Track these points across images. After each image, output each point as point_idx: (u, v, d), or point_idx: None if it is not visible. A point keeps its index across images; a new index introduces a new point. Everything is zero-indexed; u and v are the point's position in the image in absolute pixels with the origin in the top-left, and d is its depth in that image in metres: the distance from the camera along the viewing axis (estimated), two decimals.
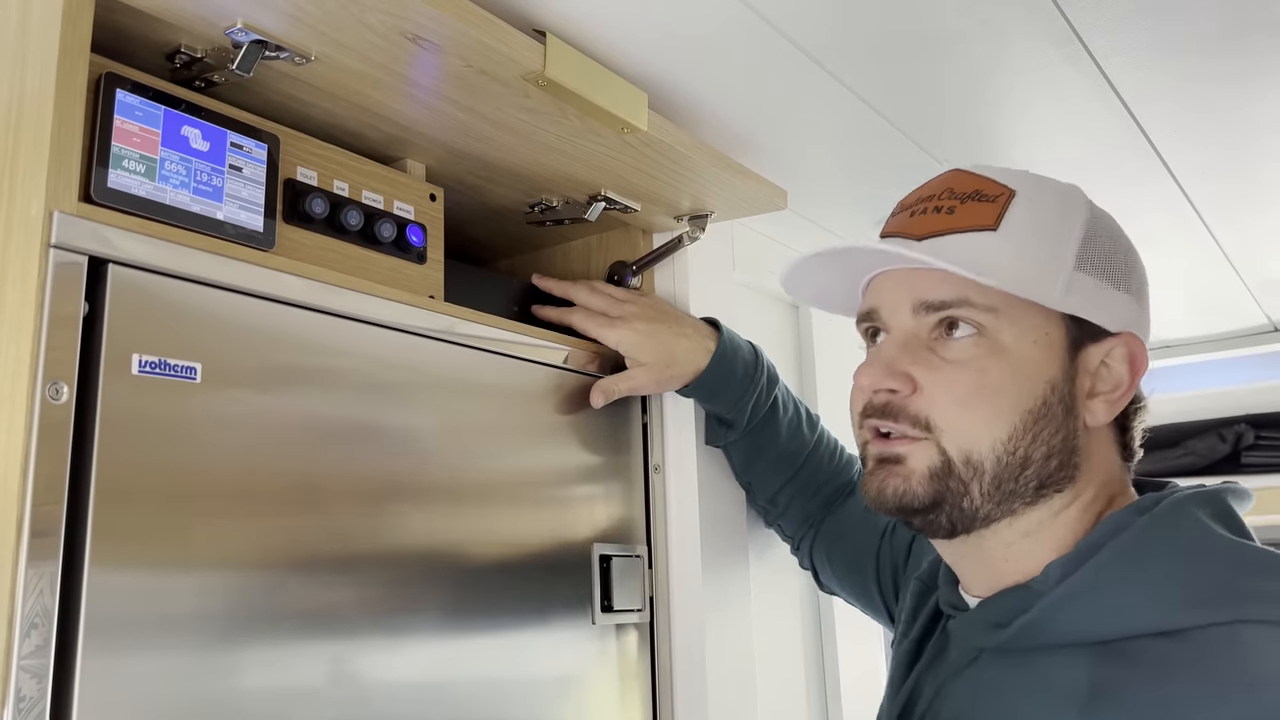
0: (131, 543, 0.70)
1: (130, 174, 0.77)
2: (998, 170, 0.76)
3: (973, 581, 0.76)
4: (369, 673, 0.85)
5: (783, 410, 1.19)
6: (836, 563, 1.17)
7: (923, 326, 0.73)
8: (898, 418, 0.72)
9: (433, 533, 0.93)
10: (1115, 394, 0.72)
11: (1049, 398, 0.70)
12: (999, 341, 0.71)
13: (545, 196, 1.17)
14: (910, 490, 0.72)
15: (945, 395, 0.71)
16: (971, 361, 0.71)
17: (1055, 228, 0.72)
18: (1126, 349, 0.73)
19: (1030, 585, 0.70)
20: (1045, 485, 0.71)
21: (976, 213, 0.72)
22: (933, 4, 0.92)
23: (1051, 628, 0.67)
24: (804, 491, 1.21)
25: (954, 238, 0.72)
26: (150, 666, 0.70)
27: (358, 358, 0.89)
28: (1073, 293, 0.71)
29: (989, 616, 0.72)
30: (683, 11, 0.90)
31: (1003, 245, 0.71)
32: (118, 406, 0.70)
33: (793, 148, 1.21)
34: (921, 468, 0.71)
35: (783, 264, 0.82)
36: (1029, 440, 0.70)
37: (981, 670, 0.72)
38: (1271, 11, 0.96)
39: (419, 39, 0.80)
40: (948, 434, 0.71)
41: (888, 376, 0.73)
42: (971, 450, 0.70)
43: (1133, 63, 1.05)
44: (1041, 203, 0.73)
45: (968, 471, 0.70)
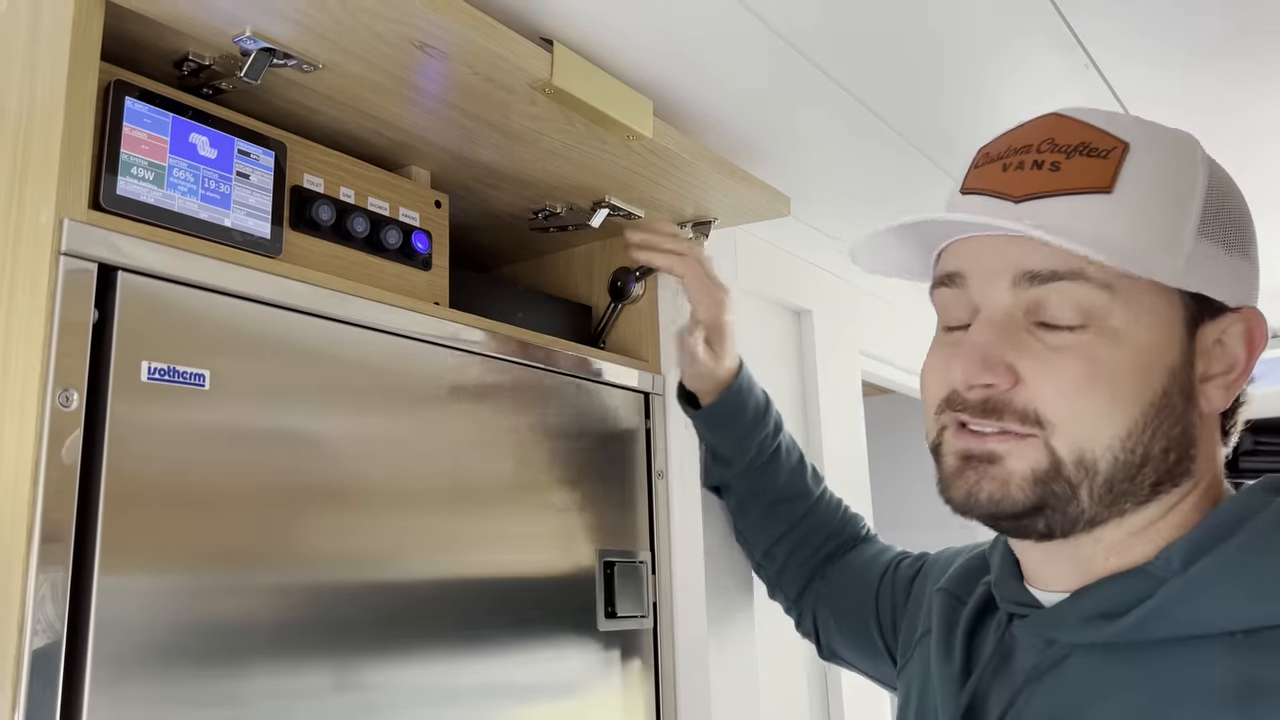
0: (140, 549, 0.70)
1: (139, 181, 0.77)
2: (1103, 115, 0.65)
3: (1049, 575, 0.67)
4: (373, 678, 0.85)
5: (785, 456, 1.15)
6: (839, 615, 1.08)
7: (1020, 303, 0.63)
8: (1002, 415, 0.62)
9: (438, 539, 0.93)
10: (1231, 375, 0.63)
11: (1169, 387, 0.62)
12: (1111, 326, 0.61)
13: (549, 203, 1.18)
14: (1009, 496, 0.62)
15: (1053, 387, 0.61)
16: (1082, 348, 0.61)
17: (1176, 189, 0.62)
18: (1245, 325, 0.63)
19: (1147, 570, 0.61)
20: (1161, 482, 0.62)
21: (1086, 170, 0.62)
22: (937, 12, 0.93)
23: (1178, 617, 0.58)
24: (804, 546, 1.14)
25: (1061, 200, 0.62)
26: (159, 672, 0.70)
27: (364, 364, 0.89)
28: (1195, 266, 0.61)
29: (1091, 608, 0.63)
30: (688, 19, 0.91)
31: (1119, 211, 0.61)
32: (127, 413, 0.70)
33: (797, 154, 1.21)
34: (1024, 469, 0.62)
35: (857, 238, 0.71)
36: (1149, 435, 0.61)
37: (1078, 669, 0.63)
38: (1273, 18, 0.97)
39: (427, 47, 0.80)
40: (1060, 430, 0.61)
41: (985, 369, 0.62)
42: (1085, 449, 0.61)
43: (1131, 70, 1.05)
44: (1160, 158, 0.63)
45: (1078, 474, 0.61)
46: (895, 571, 1.03)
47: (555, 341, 1.10)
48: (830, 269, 1.65)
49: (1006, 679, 0.68)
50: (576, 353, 1.11)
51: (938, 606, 0.81)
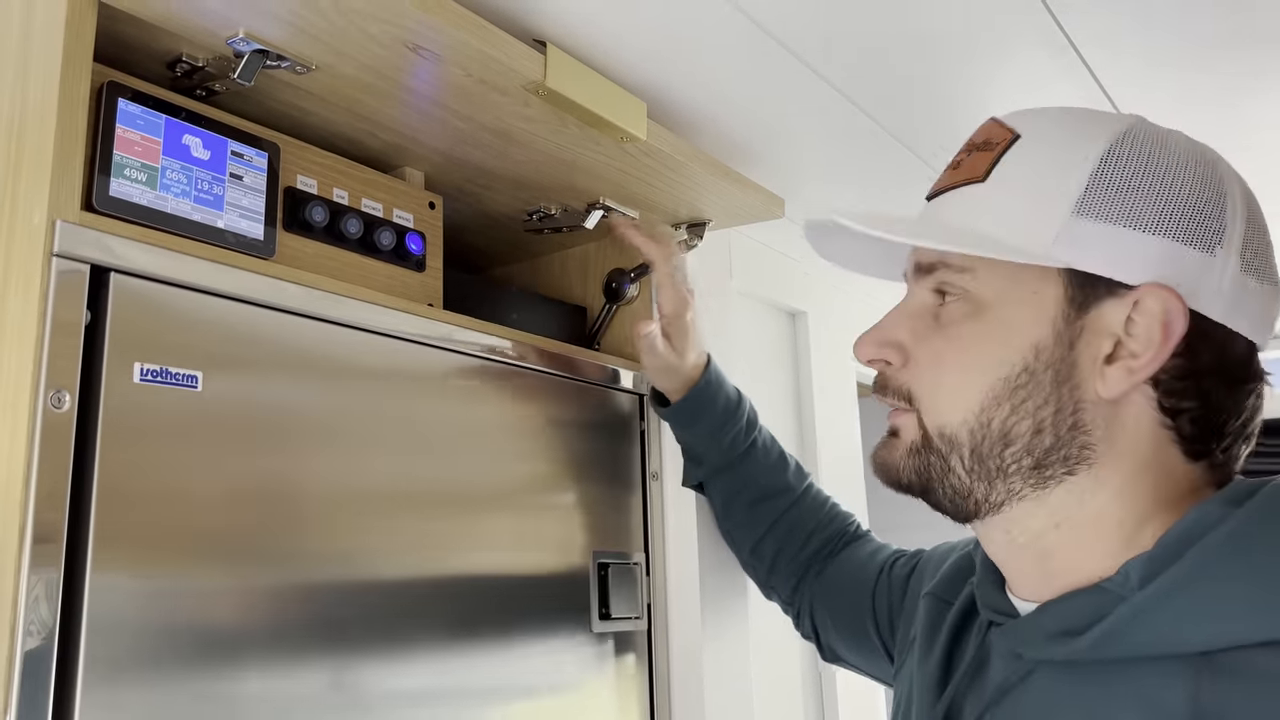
0: (133, 550, 0.70)
1: (132, 183, 0.77)
2: (1031, 113, 0.68)
3: (1021, 581, 0.67)
4: (368, 679, 0.85)
5: (762, 453, 1.15)
6: (836, 616, 1.08)
7: (926, 291, 0.68)
8: (885, 391, 0.69)
9: (432, 540, 0.93)
10: (1140, 358, 0.60)
11: (1032, 364, 0.62)
12: (979, 302, 0.64)
13: (543, 204, 1.18)
14: (893, 463, 0.68)
15: (924, 365, 0.66)
16: (948, 326, 0.66)
17: (1051, 170, 0.63)
18: (1159, 304, 0.60)
19: (1104, 587, 0.60)
20: (1044, 465, 0.62)
21: (974, 164, 0.66)
22: (929, 14, 0.93)
23: (1136, 637, 0.57)
24: (790, 542, 1.14)
25: (950, 194, 0.67)
26: (151, 674, 0.70)
27: (357, 366, 0.89)
28: (1066, 243, 0.61)
29: (1053, 624, 0.62)
30: (681, 21, 0.91)
31: (988, 198, 0.65)
32: (119, 415, 0.70)
33: (790, 156, 1.21)
34: (906, 441, 0.67)
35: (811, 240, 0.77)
36: (1005, 411, 0.62)
37: (1041, 686, 0.62)
38: (1264, 21, 0.97)
39: (420, 49, 0.80)
40: (924, 404, 0.66)
41: (877, 346, 0.69)
42: (944, 423, 0.64)
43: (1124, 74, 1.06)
44: (1045, 143, 0.64)
45: (945, 446, 0.64)
46: (891, 571, 1.02)
47: (550, 343, 1.10)
48: (825, 270, 1.65)
49: (979, 691, 0.68)
50: (571, 354, 1.12)
51: (924, 611, 0.82)
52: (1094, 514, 0.62)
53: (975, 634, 0.73)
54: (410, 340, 0.94)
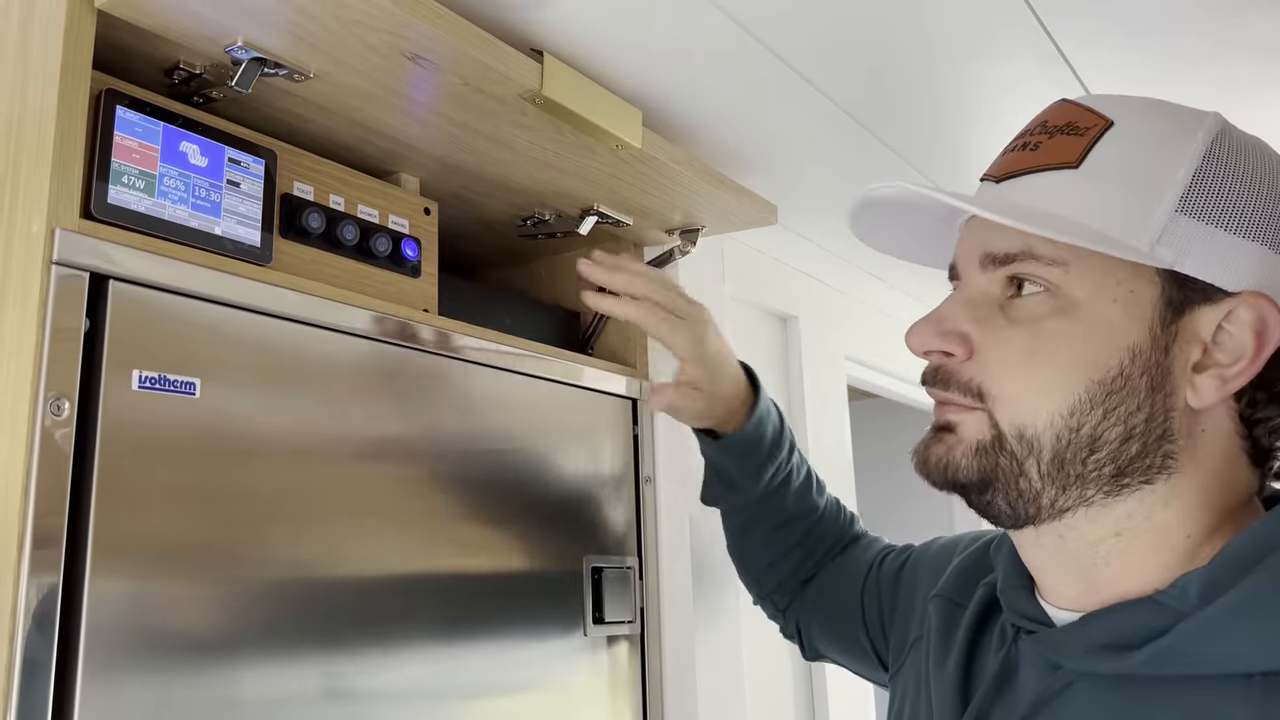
0: (132, 555, 0.70)
1: (130, 190, 0.77)
2: (1112, 99, 0.64)
3: (1059, 589, 0.64)
4: (363, 684, 0.85)
5: (795, 477, 1.06)
6: (823, 620, 1.04)
7: (994, 283, 0.63)
8: (948, 385, 0.63)
9: (426, 545, 0.93)
10: (1233, 368, 0.58)
11: (1128, 368, 0.58)
12: (1070, 298, 0.60)
13: (538, 210, 1.18)
14: (953, 461, 0.62)
15: (998, 359, 0.61)
16: (1032, 321, 0.60)
17: (1152, 162, 0.59)
18: (1254, 313, 0.58)
19: (1160, 601, 0.58)
20: (1125, 474, 0.59)
21: (1061, 148, 0.61)
22: (922, 25, 0.94)
23: (1196, 655, 0.55)
24: (805, 562, 1.07)
25: (1031, 178, 0.62)
26: (149, 677, 0.70)
27: (354, 372, 0.89)
28: (1168, 242, 0.58)
29: (1101, 636, 0.59)
30: (677, 31, 0.92)
31: (1083, 186, 0.60)
32: (118, 421, 0.70)
33: (783, 163, 1.22)
34: (970, 439, 0.62)
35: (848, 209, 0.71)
36: (1098, 416, 0.58)
37: (1084, 700, 0.60)
38: (1248, 33, 0.98)
39: (418, 58, 0.81)
40: (1000, 403, 0.60)
41: (937, 337, 0.63)
42: (1026, 423, 0.60)
43: (1116, 83, 1.07)
44: (1143, 134, 0.61)
45: (1022, 448, 0.60)
46: (880, 569, 0.98)
47: (543, 348, 1.10)
48: (816, 275, 1.66)
49: (1009, 701, 0.65)
50: (564, 359, 1.12)
51: (935, 614, 0.78)
52: (1160, 524, 0.60)
53: (997, 640, 0.69)
54: (406, 346, 0.94)
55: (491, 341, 1.04)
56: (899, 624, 0.90)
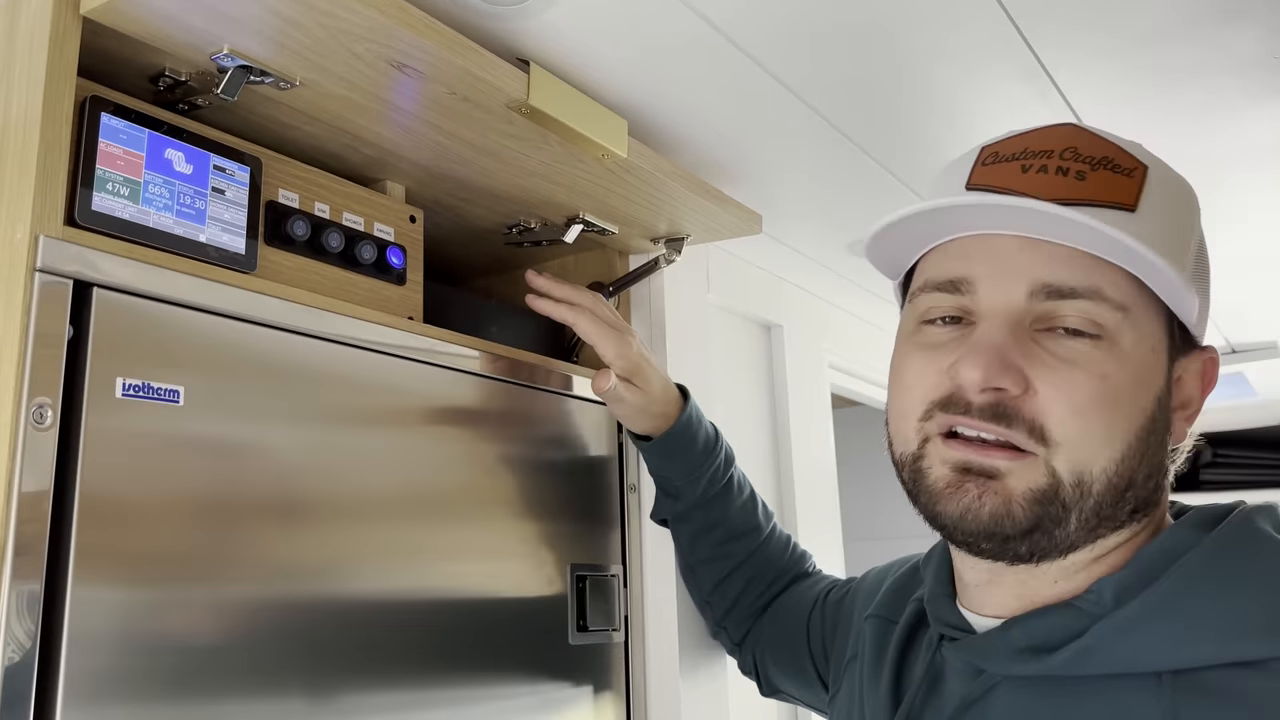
0: (114, 564, 0.70)
1: (114, 197, 0.77)
2: (1119, 138, 0.64)
3: (987, 599, 0.66)
4: (350, 693, 0.85)
5: (737, 491, 1.13)
6: (775, 650, 1.08)
7: (1030, 313, 0.60)
8: (1011, 423, 0.59)
9: (410, 553, 0.93)
10: (1188, 411, 0.64)
11: (1155, 413, 0.61)
12: (1119, 345, 0.59)
13: (523, 218, 1.18)
14: (1010, 515, 0.59)
15: (1065, 401, 0.58)
16: (1091, 365, 0.59)
17: (1183, 222, 0.62)
18: (1205, 365, 0.65)
19: (1078, 605, 0.60)
20: (1138, 510, 0.62)
21: (1112, 186, 0.60)
22: (907, 38, 0.95)
23: (1111, 655, 0.57)
24: (756, 583, 1.12)
25: (1090, 211, 0.59)
26: (133, 688, 0.70)
27: (338, 380, 0.89)
28: (1190, 296, 0.61)
29: (1023, 640, 0.61)
30: (663, 42, 0.92)
31: (1141, 230, 0.59)
32: (101, 429, 0.70)
33: (769, 173, 1.23)
34: (1023, 488, 0.59)
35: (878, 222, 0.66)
36: (1138, 460, 0.60)
37: (1007, 702, 0.61)
38: (1229, 52, 1.00)
39: (405, 67, 0.81)
40: (1063, 449, 0.59)
41: (1003, 371, 0.58)
42: (1084, 470, 0.59)
43: (1096, 97, 1.08)
44: (1172, 191, 0.63)
45: (1074, 496, 0.59)
46: (825, 600, 1.03)
47: (528, 356, 1.10)
48: (800, 284, 1.67)
49: (936, 706, 0.67)
50: (550, 367, 1.12)
51: (869, 633, 0.80)
52: (1132, 547, 0.63)
53: (925, 649, 0.72)
54: (390, 354, 0.94)
55: (477, 350, 1.04)
56: (838, 649, 0.93)
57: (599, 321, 1.06)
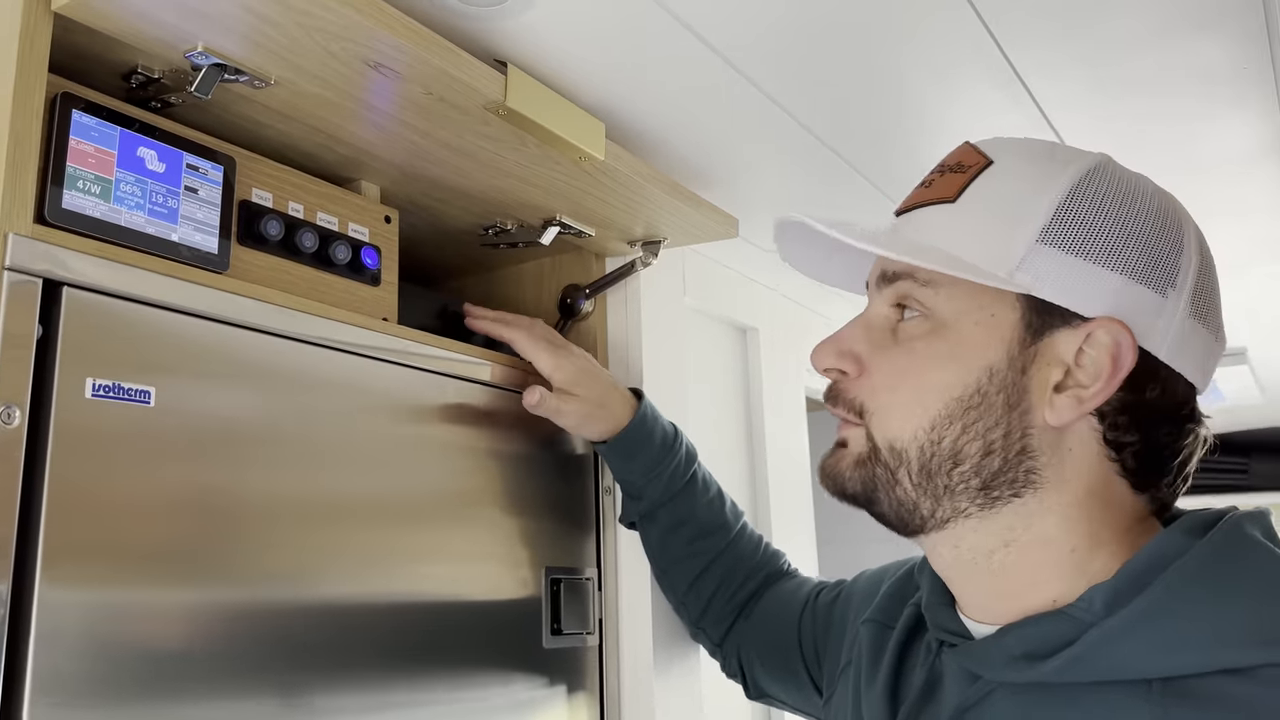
0: (83, 566, 0.69)
1: (85, 195, 0.76)
2: (1004, 141, 0.69)
3: (973, 602, 0.69)
4: (322, 695, 0.84)
5: (702, 488, 1.14)
6: (764, 652, 1.08)
7: (885, 303, 0.69)
8: (836, 402, 0.69)
9: (383, 555, 0.92)
10: (1089, 389, 0.62)
11: (985, 385, 0.63)
12: (939, 319, 0.65)
13: (500, 220, 1.18)
14: (840, 472, 0.69)
15: (879, 379, 0.67)
16: (908, 341, 0.66)
17: (1020, 198, 0.64)
18: (1110, 336, 0.62)
19: (1068, 613, 0.62)
20: (992, 487, 0.63)
21: (946, 185, 0.68)
22: (883, 45, 0.95)
23: (1103, 662, 0.59)
24: (729, 581, 1.13)
25: (919, 212, 0.69)
26: (100, 691, 0.69)
27: (312, 381, 0.89)
28: (1027, 269, 0.62)
29: (1016, 647, 0.63)
30: (640, 45, 0.92)
31: (957, 219, 0.66)
32: (71, 430, 0.69)
33: (745, 177, 1.23)
34: (853, 451, 0.68)
35: (778, 241, 0.78)
36: (956, 431, 0.63)
37: (1003, 708, 0.63)
38: (1197, 62, 1.01)
39: (381, 67, 0.81)
40: (875, 419, 0.66)
41: (834, 357, 0.69)
42: (895, 438, 0.65)
43: (1068, 105, 1.09)
44: (1015, 171, 0.66)
45: (893, 459, 0.65)
46: (815, 602, 1.03)
47: (503, 358, 1.10)
48: (775, 287, 1.67)
49: (934, 712, 0.69)
50: (524, 369, 1.12)
51: (866, 638, 0.81)
52: (1041, 537, 0.64)
53: (923, 655, 0.73)
54: (365, 355, 0.94)
55: (451, 351, 1.03)
56: (831, 653, 0.93)
57: (535, 337, 1.09)
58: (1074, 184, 0.64)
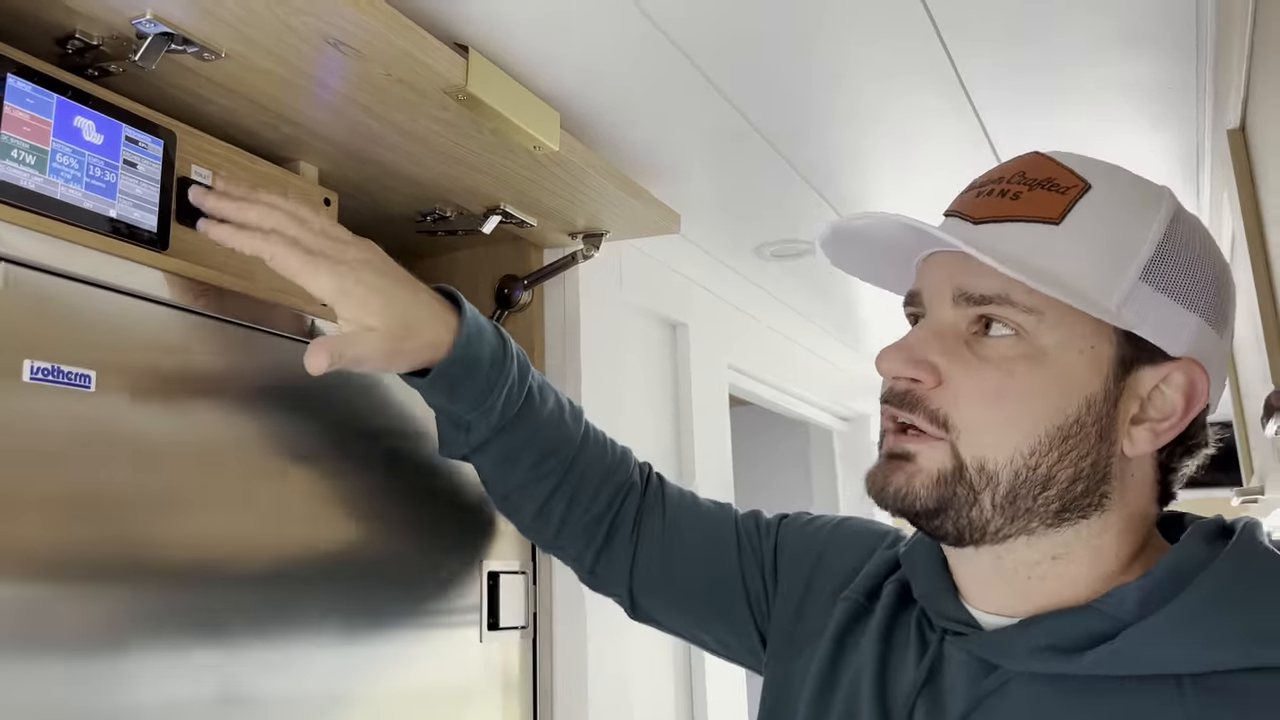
0: (21, 553, 0.65)
1: (19, 165, 0.72)
2: (1082, 159, 0.68)
3: (986, 597, 0.69)
4: (256, 686, 0.81)
5: (540, 402, 0.93)
6: (676, 585, 0.95)
7: (962, 319, 0.66)
8: (915, 409, 0.65)
9: (321, 547, 0.90)
10: (1164, 424, 0.64)
11: (1083, 416, 0.64)
12: (1038, 346, 0.64)
13: (440, 206, 1.16)
14: (913, 491, 0.65)
15: (968, 393, 0.64)
16: (1003, 362, 0.64)
17: (1126, 231, 0.65)
18: (1186, 377, 0.64)
19: (1098, 609, 0.63)
20: (1068, 509, 0.65)
21: (1043, 202, 0.65)
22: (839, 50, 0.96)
23: (1135, 659, 0.61)
24: (580, 496, 0.95)
25: (1012, 226, 0.65)
26: (45, 678, 0.65)
27: (252, 365, 0.85)
28: (1132, 306, 0.63)
29: (1044, 640, 0.64)
30: (598, 31, 0.91)
31: (1063, 242, 0.64)
32: (9, 415, 0.65)
33: (688, 172, 1.24)
34: (930, 468, 0.65)
35: (822, 228, 0.72)
36: (1054, 458, 0.64)
37: (1023, 696, 0.64)
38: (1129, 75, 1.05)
39: (341, 44, 0.78)
40: (965, 436, 0.64)
41: (910, 364, 0.65)
42: (988, 458, 0.64)
43: (1006, 114, 1.13)
44: (1117, 202, 0.66)
45: (980, 480, 0.64)
46: (751, 541, 0.93)
47: None
48: (705, 284, 1.68)
49: (935, 700, 0.68)
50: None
51: (842, 614, 0.79)
52: (1094, 551, 0.66)
53: (914, 640, 0.73)
54: (304, 340, 0.91)
55: None
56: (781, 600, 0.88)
57: (295, 247, 0.81)
58: (1169, 223, 0.65)
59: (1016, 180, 0.67)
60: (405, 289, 0.84)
